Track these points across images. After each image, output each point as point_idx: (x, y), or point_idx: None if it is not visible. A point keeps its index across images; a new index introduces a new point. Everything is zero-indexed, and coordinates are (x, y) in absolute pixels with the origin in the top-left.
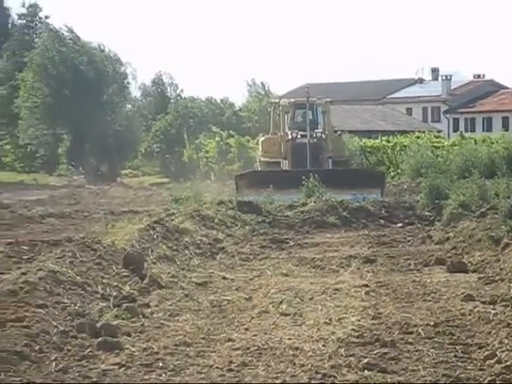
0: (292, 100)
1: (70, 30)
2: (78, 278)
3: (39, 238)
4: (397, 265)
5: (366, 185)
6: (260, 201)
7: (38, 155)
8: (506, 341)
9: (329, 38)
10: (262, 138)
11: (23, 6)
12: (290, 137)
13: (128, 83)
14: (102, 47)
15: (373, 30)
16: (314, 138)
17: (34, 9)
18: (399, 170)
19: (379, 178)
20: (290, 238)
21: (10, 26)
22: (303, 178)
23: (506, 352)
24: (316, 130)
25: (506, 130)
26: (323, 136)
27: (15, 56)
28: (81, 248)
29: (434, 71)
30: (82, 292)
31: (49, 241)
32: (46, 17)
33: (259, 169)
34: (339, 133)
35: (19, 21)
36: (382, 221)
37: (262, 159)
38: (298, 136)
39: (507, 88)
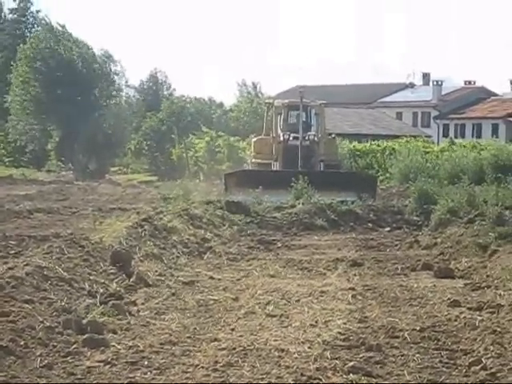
0: (286, 101)
1: (62, 27)
2: (65, 273)
3: (27, 233)
4: (384, 269)
5: (357, 188)
6: (248, 201)
7: (27, 150)
8: (492, 347)
9: (320, 40)
10: (254, 139)
11: (14, 0)
12: (281, 138)
13: (118, 81)
14: (90, 47)
15: (365, 34)
16: (306, 141)
17: (25, 3)
18: (388, 175)
19: (371, 182)
20: (278, 240)
21: (1, 20)
22: (293, 179)
23: (492, 359)
24: (309, 133)
25: (496, 137)
26: (316, 139)
27: (6, 50)
28: (68, 244)
29: (425, 76)
30: (69, 288)
31: (36, 236)
32: (38, 11)
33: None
34: (333, 136)
35: (10, 15)
36: (370, 224)
37: (254, 160)
38: (291, 138)
39: (497, 95)
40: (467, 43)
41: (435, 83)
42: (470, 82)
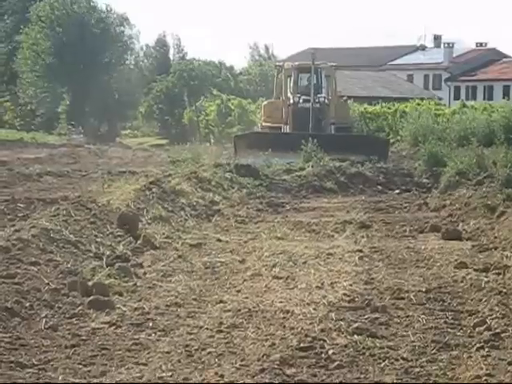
0: (296, 63)
1: None
2: (71, 236)
3: (36, 195)
4: (392, 231)
5: (368, 151)
6: (258, 164)
7: (37, 114)
8: (497, 308)
9: (332, 2)
10: (265, 103)
11: None
12: (292, 101)
13: (132, 44)
14: (109, 8)
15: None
16: (316, 103)
17: None
18: (399, 137)
19: (382, 145)
20: (287, 202)
21: None
22: (303, 141)
23: (496, 319)
24: (319, 95)
25: (508, 99)
26: (326, 101)
27: (16, 13)
28: (75, 207)
29: (437, 39)
30: (75, 251)
31: (45, 199)
32: None
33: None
34: (345, 98)
35: None
36: (379, 187)
37: (264, 124)
38: (301, 100)
39: (509, 57)
40: (479, 5)
41: (446, 45)
42: (481, 44)
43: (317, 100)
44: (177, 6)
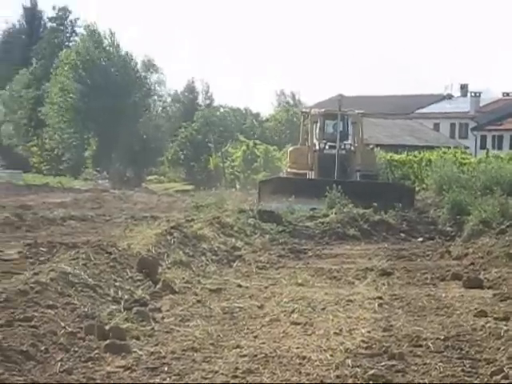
0: (322, 110)
1: (112, 34)
2: (90, 280)
3: (58, 239)
4: (413, 278)
5: (395, 199)
6: (281, 210)
7: (64, 158)
8: None
9: (360, 50)
10: (291, 149)
11: (53, 9)
12: (317, 147)
13: (158, 89)
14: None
15: (403, 46)
16: (342, 150)
17: (64, 12)
18: (424, 185)
19: (409, 193)
20: (309, 249)
21: (41, 29)
22: (327, 187)
23: None
24: (345, 142)
25: None
26: (352, 148)
27: (45, 59)
28: (96, 250)
29: (463, 88)
30: (94, 294)
31: (67, 243)
32: (76, 19)
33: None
34: (371, 146)
35: (49, 24)
36: (402, 234)
37: (289, 170)
38: (327, 147)
39: None
40: (506, 54)
41: (473, 94)
42: (508, 94)
43: (343, 147)
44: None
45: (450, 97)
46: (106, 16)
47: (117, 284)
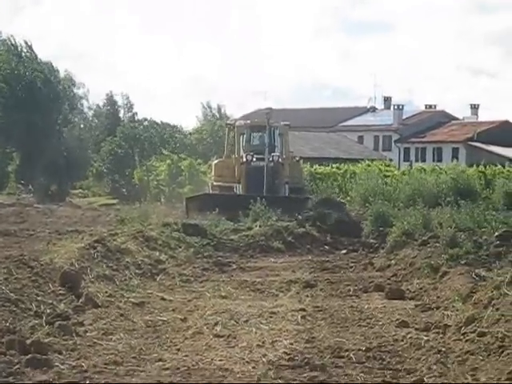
0: (248, 121)
1: (29, 47)
2: (11, 294)
3: None
4: (336, 290)
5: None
6: (205, 224)
7: None
8: (435, 367)
9: (282, 63)
10: (215, 161)
11: None
12: (244, 159)
13: (81, 104)
14: (56, 67)
15: (326, 58)
16: (270, 162)
17: None
18: (349, 198)
19: (340, 207)
20: (233, 262)
21: None
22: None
23: (434, 378)
24: (273, 154)
25: (456, 161)
26: (280, 160)
27: None
28: (17, 265)
29: (387, 100)
30: (15, 309)
31: None
32: None
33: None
34: (297, 159)
35: None
36: (326, 247)
37: (215, 183)
38: (254, 159)
39: (458, 119)
40: (428, 67)
41: (396, 107)
42: (430, 106)
43: (271, 159)
44: (126, 65)
45: (373, 109)
46: (23, 30)
47: (39, 298)
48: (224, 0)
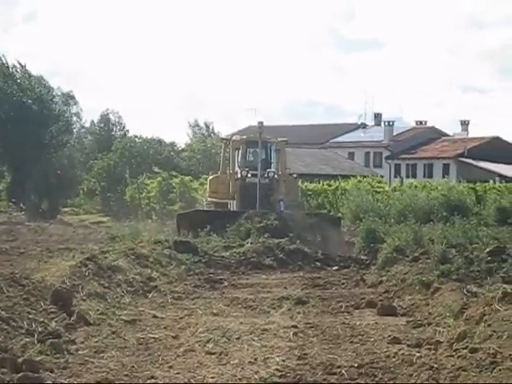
0: (244, 136)
1: (22, 66)
2: (2, 312)
3: None
4: (328, 307)
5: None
6: (197, 241)
7: None
8: (427, 383)
9: (271, 81)
10: (211, 177)
11: None
12: (239, 175)
13: (73, 122)
14: (49, 85)
15: (318, 75)
16: (265, 178)
17: None
18: (340, 214)
19: (336, 223)
20: (225, 279)
21: None
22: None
23: None
24: (268, 170)
25: (447, 177)
26: (276, 176)
27: None
28: (8, 283)
29: (377, 117)
30: (6, 327)
31: None
32: None
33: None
34: (295, 176)
35: None
36: (318, 263)
37: (210, 199)
38: (249, 175)
39: (448, 135)
40: (419, 84)
41: (387, 123)
42: (421, 122)
43: (266, 175)
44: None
45: (364, 126)
46: (15, 47)
47: (30, 316)
48: (216, 16)
